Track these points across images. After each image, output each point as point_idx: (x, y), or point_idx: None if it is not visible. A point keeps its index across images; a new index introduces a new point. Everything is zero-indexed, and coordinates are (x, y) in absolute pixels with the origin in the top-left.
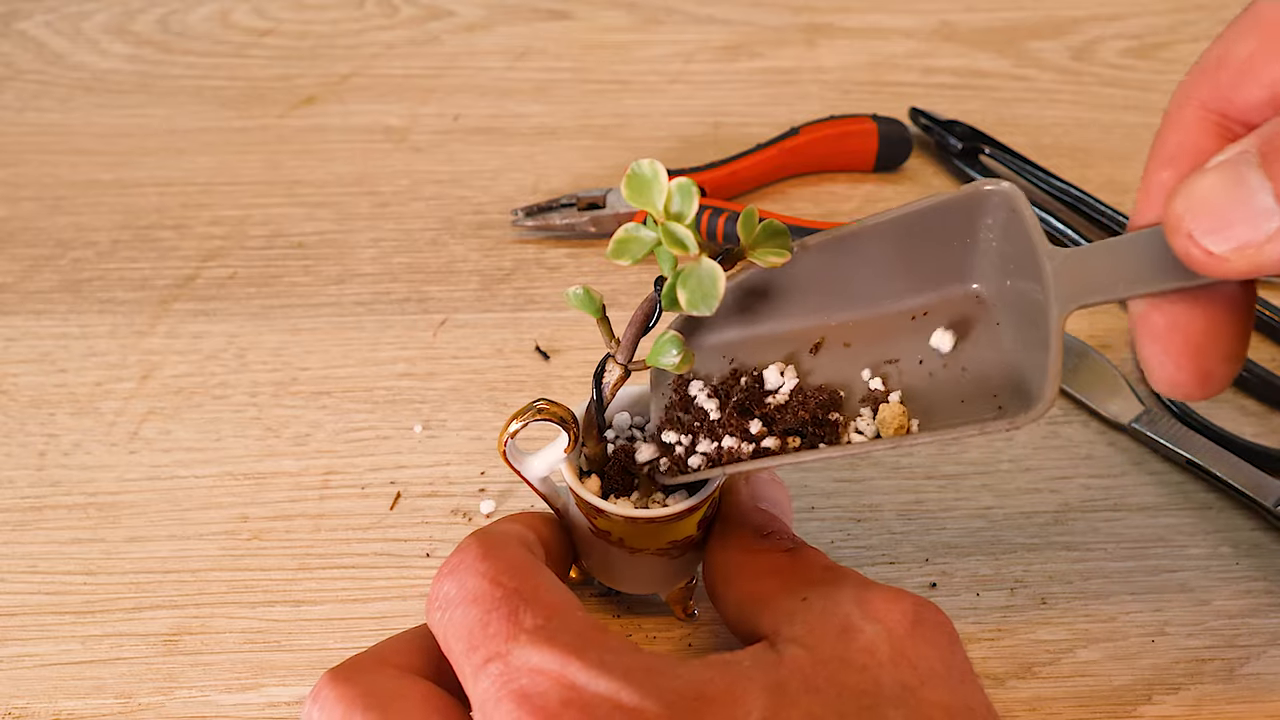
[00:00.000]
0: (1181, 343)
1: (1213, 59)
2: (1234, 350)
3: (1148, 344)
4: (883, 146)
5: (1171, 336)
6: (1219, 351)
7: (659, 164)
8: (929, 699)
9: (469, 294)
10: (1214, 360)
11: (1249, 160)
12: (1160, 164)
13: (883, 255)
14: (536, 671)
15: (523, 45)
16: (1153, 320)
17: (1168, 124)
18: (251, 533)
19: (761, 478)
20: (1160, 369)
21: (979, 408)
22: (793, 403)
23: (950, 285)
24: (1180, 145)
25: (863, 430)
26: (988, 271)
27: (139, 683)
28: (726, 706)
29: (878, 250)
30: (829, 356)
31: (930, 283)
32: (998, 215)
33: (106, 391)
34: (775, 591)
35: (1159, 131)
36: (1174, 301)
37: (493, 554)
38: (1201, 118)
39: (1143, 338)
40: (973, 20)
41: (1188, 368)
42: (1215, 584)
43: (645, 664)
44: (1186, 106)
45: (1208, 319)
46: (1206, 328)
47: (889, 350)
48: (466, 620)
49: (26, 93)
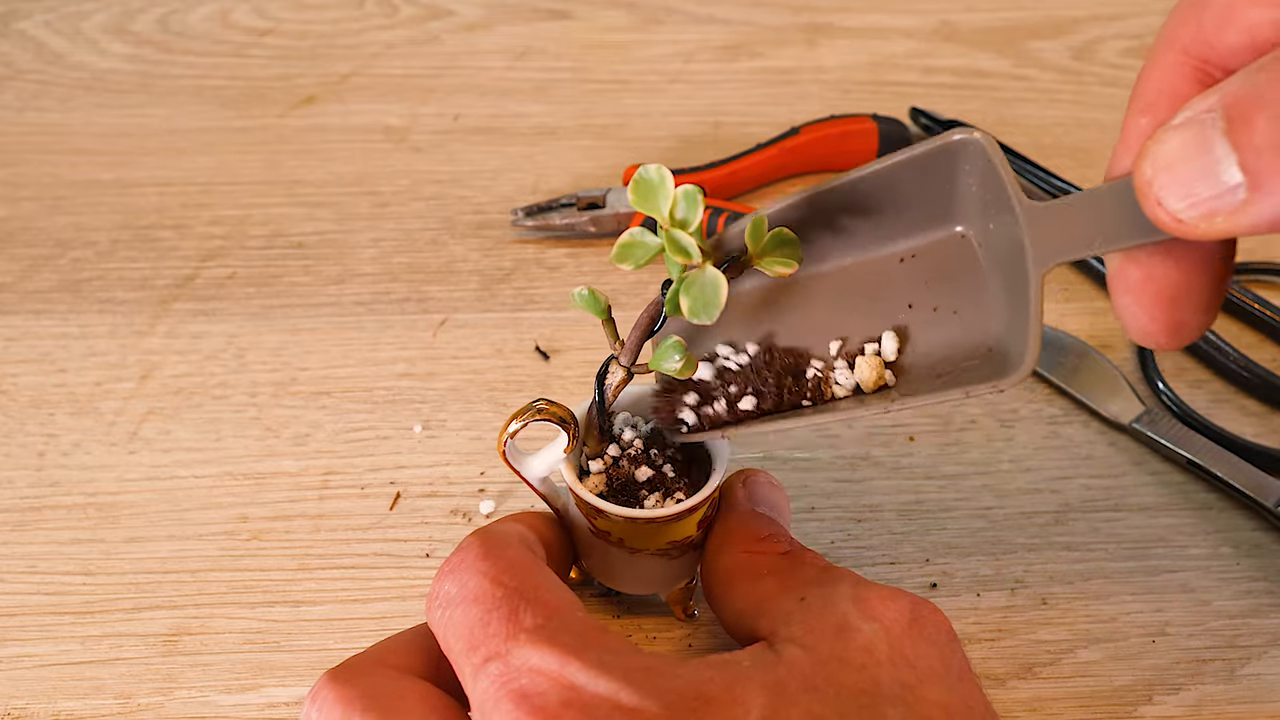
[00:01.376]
0: (1154, 294)
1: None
2: (1209, 301)
3: (1121, 295)
4: (883, 146)
5: (1145, 288)
6: (1194, 303)
7: (665, 169)
8: (927, 697)
9: (469, 294)
10: (1188, 311)
11: (1214, 123)
12: (1139, 109)
13: (867, 207)
14: (536, 671)
15: (523, 45)
16: (1128, 272)
17: (1149, 66)
18: (251, 533)
19: (759, 480)
20: (1134, 320)
21: (966, 360)
22: (757, 363)
23: (936, 229)
24: (1160, 90)
25: (840, 383)
26: (970, 215)
27: (138, 683)
28: (726, 706)
29: (861, 203)
30: (818, 305)
31: (917, 228)
32: (974, 163)
33: (106, 391)
34: (773, 593)
35: (1140, 73)
36: (1150, 254)
37: (494, 553)
38: (1182, 62)
39: (1117, 289)
40: (973, 20)
41: (1160, 319)
42: (1216, 584)
43: (645, 664)
44: (1169, 49)
45: (1182, 272)
46: (1181, 280)
47: (879, 296)
48: (467, 619)
49: (26, 92)
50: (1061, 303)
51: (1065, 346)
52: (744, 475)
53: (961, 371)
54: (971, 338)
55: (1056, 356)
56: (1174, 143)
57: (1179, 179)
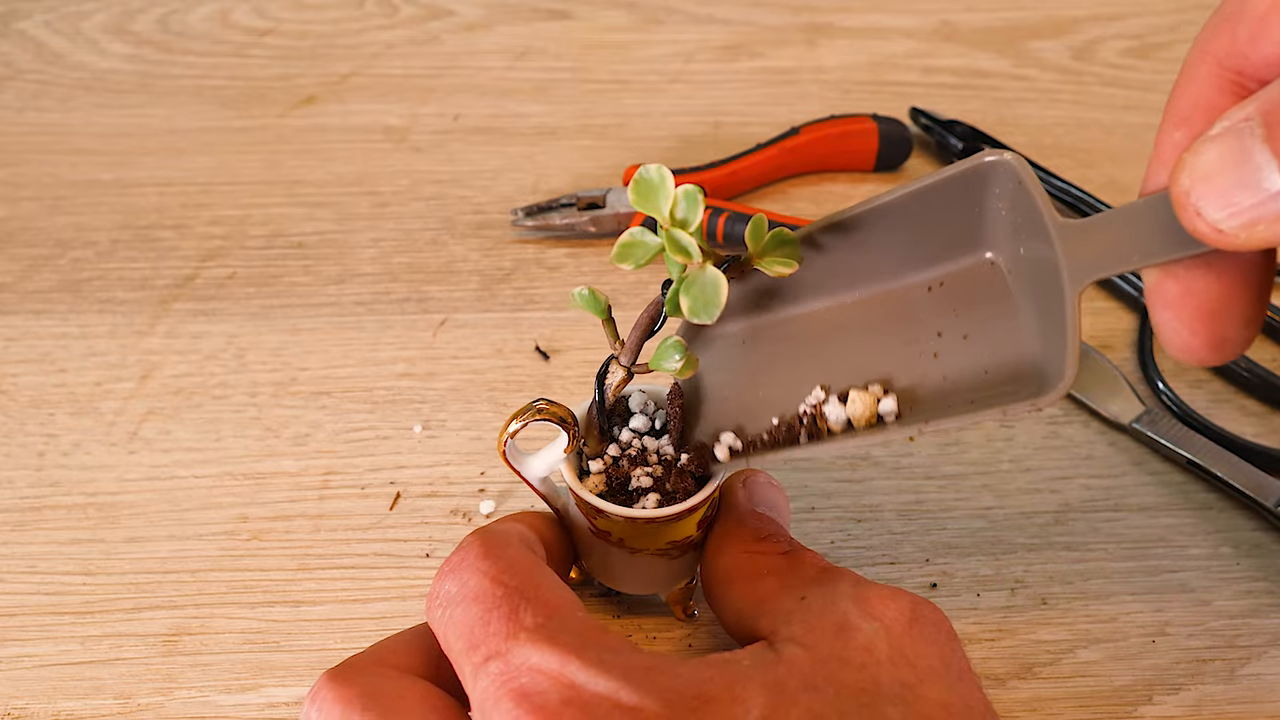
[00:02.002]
0: (1195, 308)
1: (1231, 9)
2: (1251, 314)
3: (1160, 310)
4: (883, 146)
5: (1185, 302)
6: (1235, 316)
7: (666, 169)
8: (927, 696)
9: (469, 294)
10: (1230, 325)
11: (1253, 131)
12: (1174, 122)
13: (893, 232)
14: (536, 670)
15: (523, 45)
16: (1166, 287)
17: (1183, 79)
18: (251, 533)
19: (759, 481)
20: (1175, 335)
21: (999, 385)
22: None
23: (964, 255)
24: (1194, 103)
25: (828, 415)
26: (1000, 240)
27: (138, 683)
28: (726, 705)
29: (887, 228)
30: (851, 336)
31: (944, 254)
32: (1004, 186)
33: (106, 391)
34: (773, 592)
35: (1174, 86)
36: (1188, 268)
37: (494, 553)
38: (1217, 74)
39: (1155, 304)
40: (973, 20)
41: (1202, 333)
42: (1216, 584)
43: (645, 663)
44: (1202, 62)
45: (1223, 285)
46: (1222, 293)
47: (905, 327)
48: (467, 618)
49: (26, 92)
50: None
51: None
52: (744, 475)
53: (995, 395)
54: (1002, 362)
55: None
56: (1212, 153)
57: (1218, 189)
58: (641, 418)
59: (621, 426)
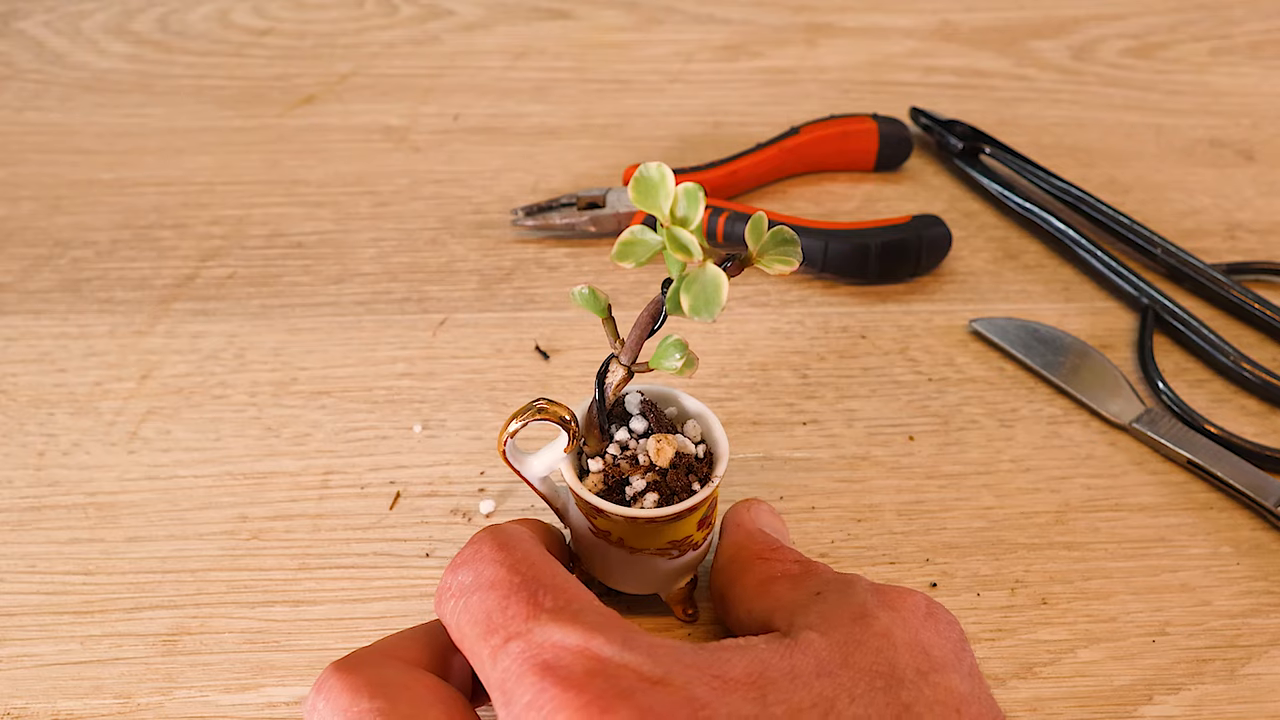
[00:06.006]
0: None
1: None
2: None
3: None
4: (883, 146)
5: None
6: None
7: (666, 167)
8: (943, 684)
9: (469, 294)
10: None
11: None
12: None
13: None
14: (559, 646)
15: (523, 45)
16: None
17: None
18: (251, 533)
19: (762, 509)
20: None
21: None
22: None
23: None
24: None
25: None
26: None
27: (138, 683)
28: (743, 686)
29: None
30: None
31: None
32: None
33: (106, 391)
34: (786, 591)
35: None
36: None
37: (508, 545)
38: None
39: None
40: (973, 20)
41: None
42: (1216, 584)
43: (666, 643)
44: None
45: None
46: None
47: None
48: (484, 605)
49: (26, 92)
50: (1062, 303)
51: (1065, 346)
52: (748, 503)
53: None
54: None
55: (1056, 356)
56: None
57: None
58: (641, 419)
59: (620, 426)
